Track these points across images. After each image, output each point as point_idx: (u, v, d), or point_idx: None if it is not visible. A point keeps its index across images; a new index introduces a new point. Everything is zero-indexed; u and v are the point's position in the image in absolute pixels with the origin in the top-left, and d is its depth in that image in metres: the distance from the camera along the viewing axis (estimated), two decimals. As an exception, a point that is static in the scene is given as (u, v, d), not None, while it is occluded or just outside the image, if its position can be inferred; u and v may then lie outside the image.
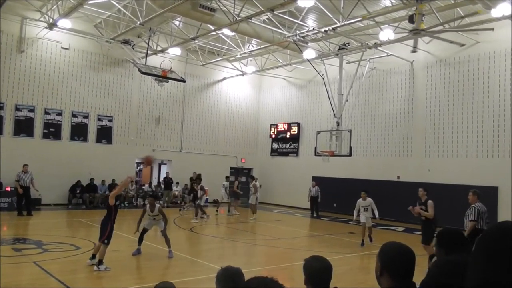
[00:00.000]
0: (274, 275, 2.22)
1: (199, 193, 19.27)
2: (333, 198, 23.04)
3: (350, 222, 18.30)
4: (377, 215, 14.15)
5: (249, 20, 17.64)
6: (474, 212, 8.81)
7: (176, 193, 25.38)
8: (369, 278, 9.44)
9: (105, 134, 23.50)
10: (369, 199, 14.32)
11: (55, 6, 19.51)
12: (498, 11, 15.22)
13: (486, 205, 9.16)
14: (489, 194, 16.77)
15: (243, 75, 27.67)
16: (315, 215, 22.13)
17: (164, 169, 28.13)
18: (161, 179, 26.46)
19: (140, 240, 11.22)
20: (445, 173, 19.39)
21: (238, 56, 25.03)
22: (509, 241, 1.41)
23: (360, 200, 14.40)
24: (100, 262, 9.33)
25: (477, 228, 8.62)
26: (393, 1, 16.35)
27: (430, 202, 10.69)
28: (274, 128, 28.69)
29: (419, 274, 2.60)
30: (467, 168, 18.71)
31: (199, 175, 20.60)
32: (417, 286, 2.51)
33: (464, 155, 19.07)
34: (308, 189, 22.61)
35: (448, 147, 19.68)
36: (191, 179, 22.70)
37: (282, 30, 19.14)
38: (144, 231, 11.33)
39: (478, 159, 18.57)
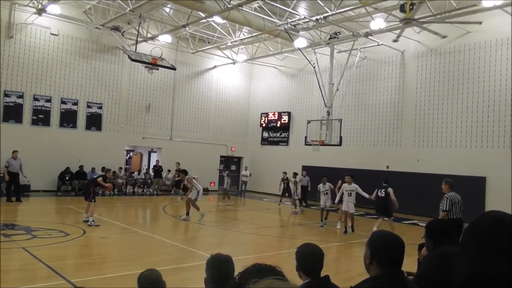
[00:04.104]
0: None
1: (292, 187, 19.96)
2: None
3: (338, 211, 18.37)
4: (367, 195, 14.00)
5: (240, 7, 17.54)
6: (446, 203, 9.07)
7: (166, 181, 25.34)
8: (357, 266, 9.52)
9: (94, 121, 23.35)
10: (354, 185, 14.17)
11: (44, -9, 19.23)
12: (489, 1, 15.28)
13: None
14: (477, 184, 16.97)
15: (233, 63, 27.52)
16: (304, 204, 22.14)
17: (154, 157, 28.06)
18: (151, 166, 26.40)
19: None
20: (433, 163, 19.51)
21: (229, 44, 24.88)
22: (497, 231, 1.42)
23: (345, 185, 14.28)
24: None
25: (449, 217, 8.89)
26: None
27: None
28: (265, 117, 28.66)
29: (409, 263, 2.63)
30: (455, 158, 18.83)
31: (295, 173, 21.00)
32: (405, 274, 2.54)
33: (453, 145, 19.19)
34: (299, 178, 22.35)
35: (437, 137, 19.79)
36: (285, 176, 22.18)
37: (273, 18, 19.02)
38: None
39: (466, 149, 18.69)
